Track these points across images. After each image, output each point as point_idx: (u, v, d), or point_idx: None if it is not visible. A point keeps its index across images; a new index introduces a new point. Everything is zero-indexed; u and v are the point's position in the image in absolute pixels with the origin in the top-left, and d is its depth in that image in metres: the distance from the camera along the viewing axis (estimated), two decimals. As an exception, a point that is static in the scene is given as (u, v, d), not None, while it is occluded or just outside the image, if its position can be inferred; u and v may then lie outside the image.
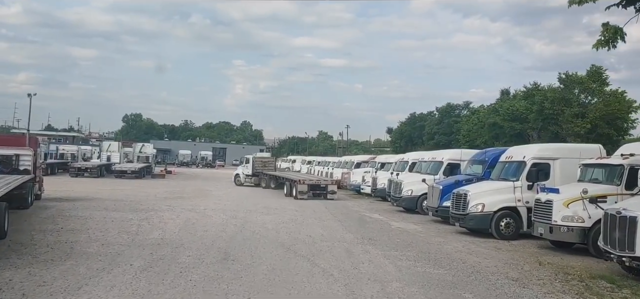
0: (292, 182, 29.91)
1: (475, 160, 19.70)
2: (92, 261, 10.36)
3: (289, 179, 31.44)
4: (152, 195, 28.00)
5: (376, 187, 28.00)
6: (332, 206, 24.36)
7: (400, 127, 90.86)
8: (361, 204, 26.26)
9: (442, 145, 69.17)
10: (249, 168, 39.52)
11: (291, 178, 31.41)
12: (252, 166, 39.49)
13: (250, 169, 39.32)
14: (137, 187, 33.85)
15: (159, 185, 36.26)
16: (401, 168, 28.00)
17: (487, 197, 15.71)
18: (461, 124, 70.30)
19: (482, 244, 14.48)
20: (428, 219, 19.85)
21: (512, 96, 62.68)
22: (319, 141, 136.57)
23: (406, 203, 22.04)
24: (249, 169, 39.43)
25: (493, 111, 62.50)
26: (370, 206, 25.04)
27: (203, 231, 14.90)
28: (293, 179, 30.60)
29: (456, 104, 76.62)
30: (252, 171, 39.27)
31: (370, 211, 22.55)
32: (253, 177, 39.07)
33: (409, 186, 22.02)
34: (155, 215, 18.52)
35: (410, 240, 14.65)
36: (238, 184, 39.34)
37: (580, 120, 44.77)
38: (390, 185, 25.17)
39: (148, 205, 21.98)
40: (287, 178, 32.31)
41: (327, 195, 28.05)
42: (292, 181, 30.37)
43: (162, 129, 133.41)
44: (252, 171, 39.27)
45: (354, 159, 41.21)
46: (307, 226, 16.74)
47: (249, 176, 39.28)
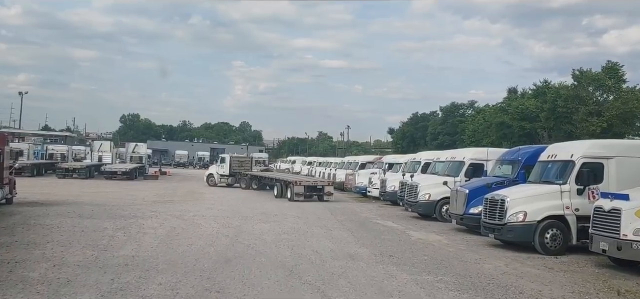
0: (287, 183, 27.94)
1: (506, 160, 16.95)
2: (26, 293, 7.61)
3: (281, 180, 29.38)
4: (139, 198, 25.27)
5: (385, 190, 25.26)
6: (338, 211, 21.62)
7: (403, 128, 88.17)
8: (370, 209, 23.50)
9: (446, 145, 66.46)
10: (226, 168, 37.43)
11: (285, 179, 29.46)
12: (229, 165, 37.33)
13: (227, 169, 37.26)
14: (126, 189, 31.09)
15: (150, 187, 33.49)
16: (412, 169, 25.33)
17: (529, 204, 12.95)
18: (466, 123, 67.63)
19: (528, 261, 11.74)
20: (450, 227, 17.11)
21: (519, 95, 60.01)
22: (318, 141, 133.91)
23: (423, 209, 19.28)
24: (226, 169, 37.38)
25: (500, 110, 59.88)
26: (381, 211, 22.27)
27: (186, 246, 12.14)
28: (288, 180, 28.56)
29: (460, 103, 73.94)
30: (229, 170, 37.23)
31: (382, 218, 19.79)
32: (230, 177, 37.05)
33: (426, 190, 19.27)
34: (135, 223, 15.77)
35: (440, 257, 11.89)
36: (211, 184, 37.16)
37: (595, 118, 42.15)
38: (402, 188, 22.46)
39: (131, 210, 19.24)
40: (278, 179, 30.29)
41: (324, 196, 26.75)
42: (286, 182, 28.39)
43: (160, 130, 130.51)
44: (229, 170, 37.23)
45: (358, 159, 38.47)
46: (312, 238, 13.98)
47: (225, 175, 37.22)
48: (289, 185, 27.15)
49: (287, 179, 29.07)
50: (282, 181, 29.00)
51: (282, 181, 29.15)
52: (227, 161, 37.72)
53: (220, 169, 37.71)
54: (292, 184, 26.84)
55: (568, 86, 45.88)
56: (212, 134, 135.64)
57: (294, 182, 26.88)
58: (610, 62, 44.60)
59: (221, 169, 37.66)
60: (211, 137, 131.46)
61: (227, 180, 36.99)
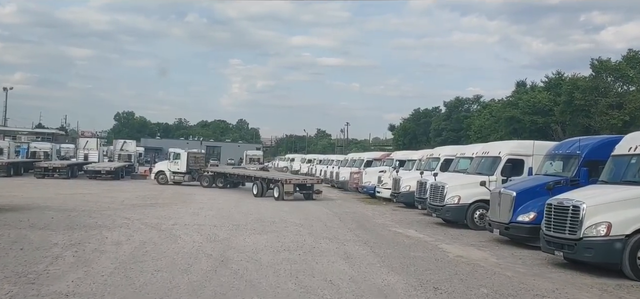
0: (270, 181, 25.84)
1: (558, 154, 13.52)
2: None
3: (261, 178, 27.31)
4: (118, 201, 21.87)
5: (399, 190, 21.85)
6: (347, 216, 18.22)
7: (404, 124, 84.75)
8: (383, 212, 20.08)
9: (451, 142, 62.92)
10: (181, 164, 33.87)
11: (269, 177, 27.28)
12: (185, 162, 33.88)
13: (184, 166, 33.80)
14: (107, 190, 27.63)
15: (135, 187, 30.00)
16: (429, 167, 21.97)
17: (614, 213, 9.57)
18: (472, 119, 64.30)
19: (626, 292, 8.38)
20: (489, 238, 13.73)
21: (529, 88, 56.69)
22: (317, 139, 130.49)
23: (451, 214, 15.86)
24: (181, 166, 33.84)
25: (509, 104, 56.59)
26: (397, 216, 18.86)
27: (152, 273, 8.71)
28: (275, 178, 26.18)
29: (465, 98, 70.53)
30: (187, 167, 33.83)
31: (401, 225, 16.37)
32: (186, 175, 33.80)
33: (455, 191, 15.85)
34: (97, 236, 12.35)
35: (502, 287, 8.48)
36: (162, 182, 33.55)
37: (616, 111, 38.85)
38: (421, 189, 19.08)
39: (100, 218, 15.82)
40: (257, 177, 27.96)
41: (312, 195, 25.27)
42: (271, 180, 26.08)
43: (155, 128, 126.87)
44: (187, 167, 33.83)
45: (364, 156, 35.03)
46: (322, 258, 10.55)
47: (181, 173, 33.80)
48: (277, 184, 25.05)
49: (274, 178, 26.67)
50: (262, 180, 27.03)
51: (262, 179, 27.18)
52: (184, 157, 34.18)
53: (174, 166, 34.06)
54: (280, 182, 24.78)
55: (586, 77, 42.54)
56: (208, 132, 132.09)
57: (283, 181, 24.87)
58: (632, 51, 41.37)
59: (175, 166, 34.02)
60: (208, 135, 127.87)
61: (183, 178, 33.66)
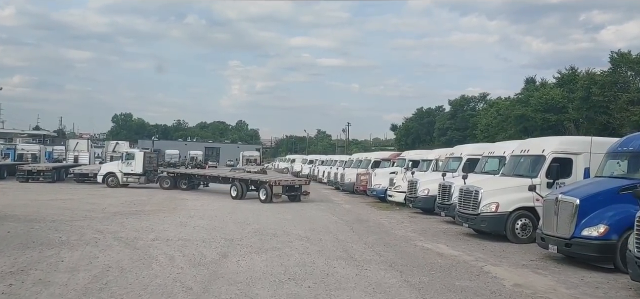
0: (261, 184, 23.52)
1: (625, 151, 10.81)
2: None
3: (241, 180, 25.25)
4: (99, 208, 19.19)
5: (416, 194, 19.10)
6: (360, 226, 15.47)
7: (406, 124, 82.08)
8: (400, 220, 17.31)
9: (456, 141, 60.21)
10: (136, 165, 30.91)
11: (253, 179, 25.21)
12: (142, 162, 31.06)
13: (141, 166, 30.95)
14: (92, 195, 24.88)
15: (123, 192, 27.19)
16: (448, 167, 19.30)
17: None
18: (478, 117, 61.61)
19: None
20: (543, 255, 11.01)
21: (539, 85, 53.98)
22: (317, 140, 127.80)
23: (488, 225, 13.11)
24: (136, 166, 30.90)
25: (519, 101, 53.91)
26: (417, 225, 16.10)
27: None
28: (262, 180, 23.96)
29: (471, 96, 67.85)
30: (143, 168, 31.03)
31: (427, 237, 13.61)
32: (142, 177, 30.90)
33: (492, 197, 13.10)
34: (53, 258, 9.63)
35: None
36: (113, 185, 30.24)
37: (637, 107, 36.16)
38: (444, 193, 16.39)
39: (68, 231, 13.10)
40: (237, 178, 25.73)
41: (300, 196, 23.83)
42: (260, 183, 23.76)
43: (154, 129, 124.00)
44: (143, 168, 31.03)
45: (371, 156, 32.27)
46: (340, 291, 7.78)
47: (136, 174, 30.82)
48: (263, 185, 23.10)
49: (260, 179, 24.44)
50: (241, 181, 25.09)
51: (241, 180, 25.19)
52: (139, 158, 31.26)
53: (127, 167, 30.91)
54: (268, 184, 22.92)
55: (604, 72, 39.82)
56: (207, 134, 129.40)
57: (272, 182, 23.01)
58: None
59: (128, 167, 30.89)
60: (207, 136, 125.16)
61: (139, 180, 30.80)
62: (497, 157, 16.58)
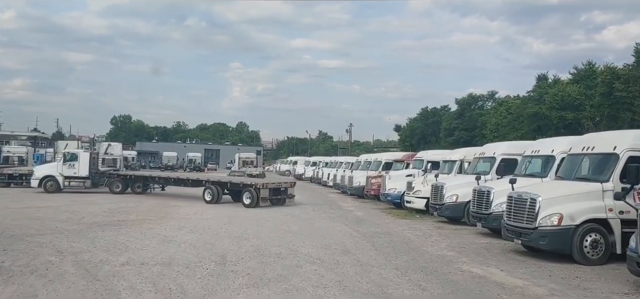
0: (245, 187, 21.37)
1: None
2: None
3: (216, 183, 22.81)
4: (77, 217, 16.53)
5: (443, 202, 16.26)
6: (382, 241, 12.66)
7: (411, 124, 79.26)
8: (427, 233, 14.47)
9: (463, 142, 57.54)
10: (80, 167, 26.98)
11: (234, 182, 23.00)
12: (88, 163, 27.22)
13: (86, 168, 27.09)
14: (73, 201, 22.08)
15: (109, 199, 24.35)
16: (476, 169, 16.54)
17: None
18: (488, 116, 58.80)
19: None
20: (635, 283, 8.24)
21: (552, 82, 51.19)
22: (319, 141, 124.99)
23: (550, 241, 10.23)
24: (81, 168, 27.00)
25: (531, 99, 51.15)
26: (451, 240, 13.23)
27: None
28: (246, 183, 21.81)
29: (479, 94, 65.03)
30: (89, 171, 27.24)
31: (469, 257, 10.78)
32: (87, 180, 27.12)
33: (554, 207, 10.24)
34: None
35: None
36: (52, 190, 26.48)
37: (666, 103, 33.46)
38: (481, 200, 13.60)
39: (20, 251, 10.39)
40: (212, 181, 23.11)
41: (286, 200, 21.91)
42: (243, 186, 21.61)
43: (153, 131, 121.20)
44: (89, 171, 27.24)
45: (381, 157, 29.45)
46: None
47: (80, 178, 27.05)
48: (248, 189, 21.09)
49: (244, 182, 22.24)
50: (217, 184, 22.72)
51: (217, 183, 22.81)
52: (84, 159, 27.44)
53: (69, 169, 27.03)
54: (254, 187, 20.92)
55: (628, 66, 36.98)
56: (208, 136, 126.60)
57: (259, 186, 21.00)
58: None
59: (70, 169, 27.01)
60: (207, 138, 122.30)
61: (84, 184, 27.15)
62: (542, 157, 13.77)
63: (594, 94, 39.96)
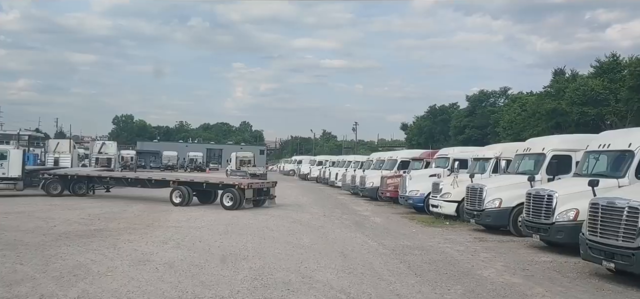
0: (225, 187, 19.34)
1: None
2: None
3: (186, 183, 20.38)
4: (45, 227, 13.80)
5: (482, 207, 13.39)
6: (420, 261, 9.81)
7: (419, 122, 76.44)
8: (469, 246, 11.62)
9: (475, 139, 54.79)
10: (12, 167, 22.85)
11: (210, 182, 20.75)
12: (20, 162, 23.24)
13: (18, 169, 23.03)
14: (51, 207, 19.25)
15: (95, 203, 21.51)
16: (518, 167, 13.75)
17: None
18: (501, 113, 55.93)
19: None
20: None
21: (569, 77, 48.24)
22: (322, 141, 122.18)
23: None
24: (12, 169, 22.87)
25: (548, 95, 48.26)
26: (505, 257, 10.33)
27: None
28: (226, 183, 19.85)
29: (491, 91, 62.10)
30: (21, 171, 23.15)
31: (546, 287, 7.91)
32: (19, 181, 22.95)
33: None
34: None
35: None
36: None
37: None
38: (539, 207, 10.73)
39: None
40: (181, 181, 20.62)
41: (266, 201, 19.97)
42: (223, 186, 19.64)
43: (155, 131, 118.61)
44: (21, 171, 23.15)
45: (397, 155, 26.59)
46: None
47: (10, 180, 22.82)
48: (230, 190, 18.98)
49: (223, 182, 20.40)
50: (187, 184, 20.24)
51: (187, 183, 20.36)
52: (17, 157, 23.40)
53: None
54: (237, 188, 18.84)
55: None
56: (210, 135, 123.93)
57: (244, 186, 18.94)
58: None
59: None
60: (210, 138, 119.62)
61: (15, 186, 22.88)
62: (611, 153, 10.90)
63: (619, 88, 37.08)
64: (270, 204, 20.06)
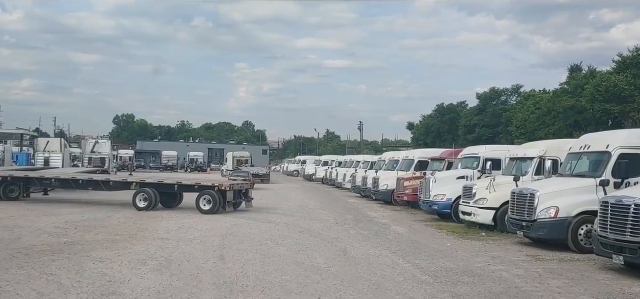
0: (202, 189, 17.03)
1: None
2: None
3: (151, 184, 17.90)
4: (7, 239, 11.43)
5: (533, 217, 10.86)
6: (477, 295, 7.43)
7: (426, 121, 73.93)
8: (530, 269, 9.10)
9: (486, 139, 52.36)
10: None
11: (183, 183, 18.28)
12: None
13: None
14: (26, 211, 16.83)
15: (74, 208, 19.03)
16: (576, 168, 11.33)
17: None
18: (513, 112, 53.44)
19: None
20: None
21: (587, 73, 45.71)
22: (326, 140, 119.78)
23: None
24: None
25: (564, 92, 45.82)
26: (587, 287, 7.85)
27: None
28: (203, 184, 17.41)
29: (502, 88, 59.56)
30: None
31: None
32: None
33: None
34: None
35: None
36: None
37: None
38: (617, 220, 8.31)
39: None
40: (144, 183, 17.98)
41: (244, 203, 18.04)
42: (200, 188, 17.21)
43: (157, 131, 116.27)
44: None
45: (412, 154, 24.07)
46: None
47: None
48: (207, 191, 16.92)
49: (199, 183, 17.73)
50: (152, 186, 17.80)
51: (153, 184, 17.92)
52: None
53: None
54: (217, 189, 16.73)
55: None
56: (213, 135, 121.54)
57: (225, 187, 16.83)
58: None
59: None
60: (212, 137, 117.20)
61: None
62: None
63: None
64: (248, 207, 18.06)
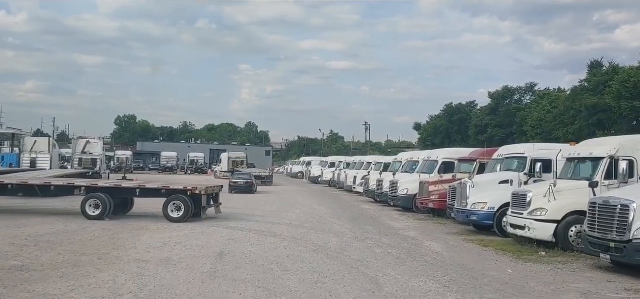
0: (172, 193, 15.04)
1: None
2: None
3: (105, 189, 15.58)
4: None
5: (626, 238, 8.11)
6: None
7: (434, 122, 70.98)
8: None
9: (498, 139, 49.44)
10: None
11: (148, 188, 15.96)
12: None
13: None
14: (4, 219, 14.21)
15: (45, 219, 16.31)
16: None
17: None
18: (528, 111, 50.58)
19: None
20: None
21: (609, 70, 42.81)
22: (330, 141, 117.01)
23: None
24: None
25: (584, 89, 42.92)
26: None
27: None
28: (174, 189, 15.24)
29: (516, 87, 56.65)
30: None
31: None
32: None
33: None
34: None
35: None
36: None
37: None
38: None
39: None
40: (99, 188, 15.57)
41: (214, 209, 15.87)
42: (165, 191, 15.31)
43: (159, 132, 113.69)
44: None
45: (435, 155, 21.28)
46: None
47: None
48: (179, 196, 14.92)
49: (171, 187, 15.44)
50: (107, 190, 15.47)
51: (107, 189, 15.61)
52: None
53: None
54: (191, 192, 14.90)
55: None
56: (215, 136, 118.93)
57: (201, 190, 14.99)
58: None
59: None
60: (214, 139, 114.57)
61: None
62: None
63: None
64: (217, 214, 15.90)
